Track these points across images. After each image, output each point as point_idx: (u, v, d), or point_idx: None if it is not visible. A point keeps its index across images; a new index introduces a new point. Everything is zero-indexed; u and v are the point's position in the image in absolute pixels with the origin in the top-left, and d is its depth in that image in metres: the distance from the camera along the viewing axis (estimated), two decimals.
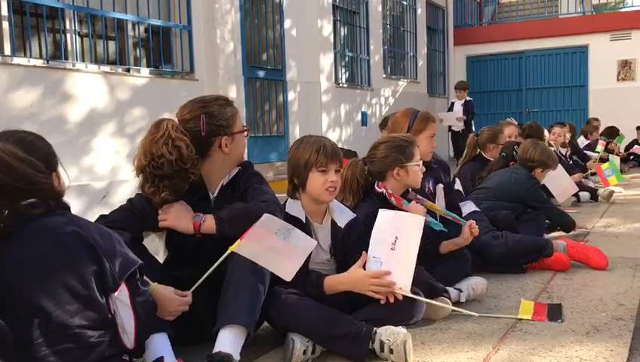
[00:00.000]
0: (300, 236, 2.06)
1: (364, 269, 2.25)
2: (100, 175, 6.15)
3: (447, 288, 2.73)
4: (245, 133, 2.36)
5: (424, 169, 2.82)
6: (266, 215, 1.95)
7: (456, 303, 2.75)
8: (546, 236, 4.11)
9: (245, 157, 2.45)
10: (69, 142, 5.86)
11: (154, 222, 2.13)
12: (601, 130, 10.52)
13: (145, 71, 6.96)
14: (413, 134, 3.15)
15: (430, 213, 2.82)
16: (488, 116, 14.20)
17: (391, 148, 2.72)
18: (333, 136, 9.91)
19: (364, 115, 11.00)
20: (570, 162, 7.47)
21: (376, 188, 2.75)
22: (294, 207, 2.41)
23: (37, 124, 5.59)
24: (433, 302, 2.26)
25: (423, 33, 13.79)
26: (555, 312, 2.62)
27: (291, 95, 9.30)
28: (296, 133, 9.36)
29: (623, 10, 14.01)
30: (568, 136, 8.10)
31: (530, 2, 14.89)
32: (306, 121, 9.50)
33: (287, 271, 2.00)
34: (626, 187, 7.65)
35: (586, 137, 9.88)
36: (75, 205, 6.20)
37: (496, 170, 4.29)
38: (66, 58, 6.11)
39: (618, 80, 13.59)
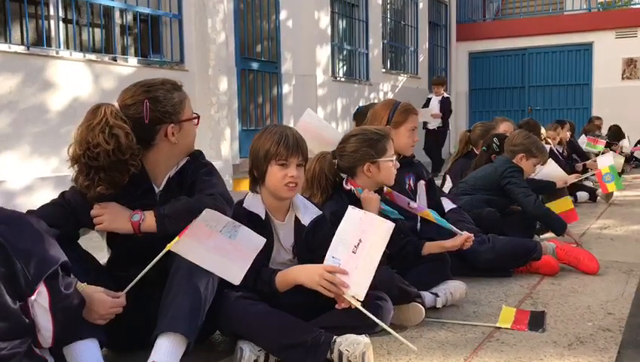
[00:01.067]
0: (249, 234, 1.87)
1: None
2: None
3: (423, 292, 2.54)
4: (195, 121, 2.16)
5: (398, 165, 2.62)
6: (207, 210, 1.76)
7: (432, 309, 2.56)
8: (536, 238, 3.91)
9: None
10: (50, 132, 5.68)
11: (89, 218, 1.93)
12: (604, 129, 10.29)
13: (133, 60, 6.78)
14: (393, 127, 2.96)
15: (388, 204, 2.63)
16: (490, 113, 13.92)
17: (361, 142, 2.52)
18: None
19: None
20: (570, 162, 7.24)
21: (344, 185, 2.56)
22: (254, 202, 2.22)
23: (15, 112, 5.42)
24: (380, 323, 2.00)
25: (425, 28, 13.55)
26: (537, 321, 2.42)
27: (286, 88, 9.10)
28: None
29: (629, 7, 13.69)
30: (568, 134, 7.89)
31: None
32: (301, 114, 9.22)
33: (233, 275, 1.80)
34: (627, 187, 7.43)
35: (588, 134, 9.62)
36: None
37: (480, 165, 4.10)
38: (49, 45, 5.93)
39: (623, 78, 13.34)
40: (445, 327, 2.38)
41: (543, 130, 6.88)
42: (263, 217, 2.19)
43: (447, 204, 3.41)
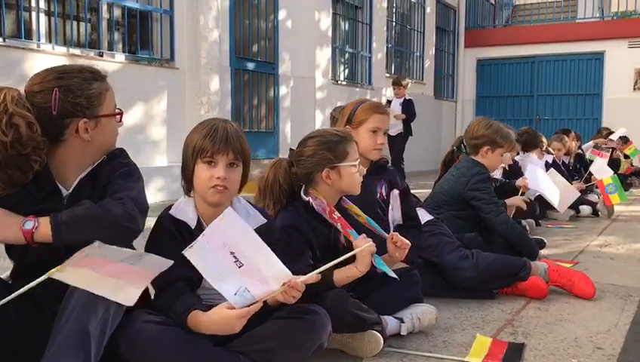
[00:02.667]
0: (154, 260, 1.57)
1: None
2: None
3: (386, 317, 2.24)
4: (118, 118, 1.87)
5: (364, 171, 2.32)
6: (100, 244, 1.46)
7: (396, 336, 2.26)
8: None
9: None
10: None
11: None
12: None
13: (120, 56, 6.54)
14: (353, 127, 2.67)
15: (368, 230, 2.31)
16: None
17: (319, 145, 2.22)
18: None
19: None
20: (576, 176, 6.87)
21: (302, 195, 2.26)
22: (184, 209, 1.92)
23: None
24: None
25: (432, 33, 13.25)
26: (513, 354, 2.12)
27: (283, 90, 8.83)
28: (287, 129, 8.90)
29: None
30: (574, 145, 7.55)
31: (546, 6, 14.26)
32: (299, 117, 9.02)
33: (127, 296, 1.50)
34: (633, 202, 7.08)
35: (595, 147, 9.25)
36: None
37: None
38: (29, 37, 5.70)
39: (635, 89, 12.94)
40: (407, 359, 2.08)
41: (544, 140, 6.56)
42: (193, 226, 1.90)
43: (424, 216, 3.10)
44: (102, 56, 6.33)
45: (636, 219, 5.71)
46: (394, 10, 11.89)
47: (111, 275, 1.45)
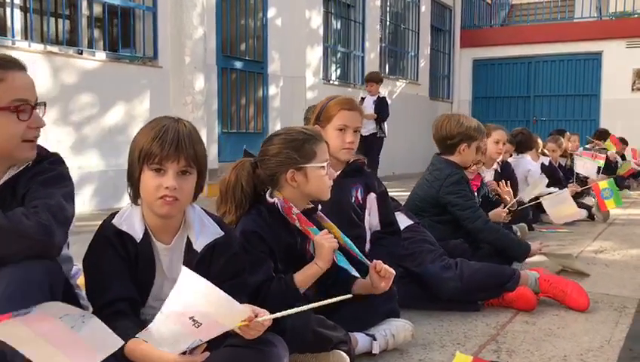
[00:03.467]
0: (102, 331, 1.32)
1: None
2: None
3: (357, 334, 2.03)
4: (25, 114, 1.61)
5: (334, 174, 2.11)
6: (45, 305, 1.23)
7: (368, 354, 2.05)
8: (517, 264, 3.38)
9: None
10: None
11: None
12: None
13: (101, 54, 6.32)
14: (322, 125, 2.46)
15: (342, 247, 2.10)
16: (493, 123, 13.39)
17: (284, 143, 2.01)
18: None
19: None
20: (571, 179, 6.64)
21: (267, 197, 2.05)
22: (129, 219, 1.71)
23: None
24: None
25: (427, 32, 13.06)
26: None
27: (273, 89, 8.63)
28: (276, 130, 8.66)
29: None
30: (570, 145, 7.35)
31: (543, 6, 14.07)
32: (289, 117, 8.81)
33: None
34: (631, 205, 6.88)
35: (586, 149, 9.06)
36: None
37: None
38: (3, 34, 5.49)
39: (633, 90, 12.75)
40: None
41: (539, 142, 6.37)
42: (139, 239, 1.68)
43: (404, 221, 2.88)
44: (81, 53, 6.12)
45: (634, 223, 5.50)
46: (388, 8, 11.70)
47: (48, 338, 1.21)
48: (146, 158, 1.61)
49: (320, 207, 2.13)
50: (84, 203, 5.75)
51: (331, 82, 9.94)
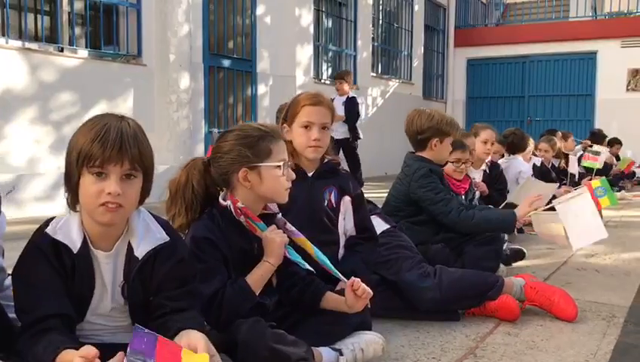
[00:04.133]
0: None
1: None
2: (13, 166, 5.35)
3: (321, 349, 1.89)
4: None
5: (293, 175, 1.96)
6: None
7: None
8: (502, 268, 3.24)
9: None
10: None
11: None
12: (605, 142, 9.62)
13: (83, 52, 6.17)
14: (288, 124, 2.33)
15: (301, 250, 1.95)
16: (488, 123, 13.24)
17: (237, 140, 1.87)
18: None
19: None
20: (564, 180, 6.51)
21: (220, 200, 1.91)
22: (67, 226, 1.56)
23: None
24: None
25: (421, 31, 12.93)
26: None
27: (262, 88, 8.48)
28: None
29: (637, 15, 12.96)
30: (564, 145, 7.23)
31: (538, 5, 13.95)
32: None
33: None
34: (625, 206, 6.75)
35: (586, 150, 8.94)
36: None
37: None
38: None
39: (628, 90, 12.65)
40: None
41: (531, 142, 6.23)
42: (76, 249, 1.53)
43: (380, 225, 2.74)
44: (62, 51, 5.97)
45: (627, 225, 5.37)
46: (380, 7, 11.56)
47: None
48: (85, 161, 1.46)
49: (280, 214, 1.98)
50: (63, 205, 5.59)
51: (322, 81, 9.80)
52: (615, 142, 9.91)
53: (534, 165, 5.92)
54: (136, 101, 6.52)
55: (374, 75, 11.23)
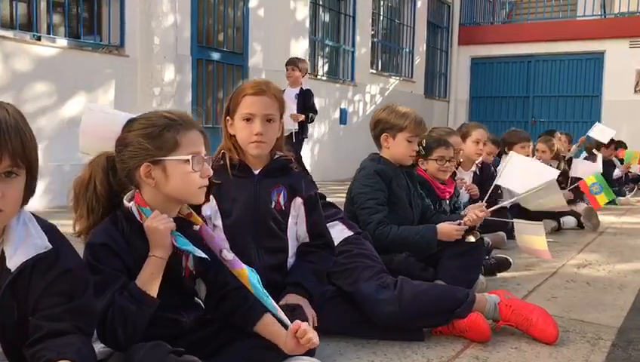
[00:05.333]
0: None
1: None
2: None
3: None
4: None
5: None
6: None
7: None
8: (482, 279, 2.95)
9: None
10: None
11: None
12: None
13: (62, 41, 5.92)
14: (230, 115, 2.10)
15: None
16: (491, 124, 12.85)
17: (140, 129, 1.61)
18: None
19: (343, 112, 9.86)
20: (563, 184, 6.18)
21: (124, 201, 1.64)
22: None
23: None
24: None
25: (423, 28, 12.62)
26: None
27: None
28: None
29: None
30: (567, 147, 6.92)
31: (545, 4, 13.60)
32: None
33: None
34: (626, 213, 6.45)
35: (589, 153, 8.59)
36: None
37: None
38: None
39: (636, 91, 12.28)
40: None
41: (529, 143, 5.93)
42: None
43: (342, 232, 2.47)
44: (40, 40, 5.72)
45: (626, 233, 5.06)
46: (381, 2, 11.26)
47: None
48: None
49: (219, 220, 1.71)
50: (34, 199, 5.34)
51: (319, 77, 9.52)
52: (620, 145, 9.57)
53: None
54: (117, 93, 6.27)
55: (374, 71, 10.94)
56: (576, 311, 2.66)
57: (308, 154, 9.04)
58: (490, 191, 3.26)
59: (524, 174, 2.98)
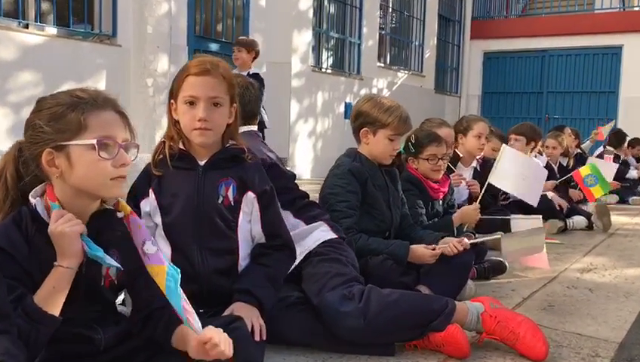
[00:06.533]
0: None
1: None
2: None
3: None
4: None
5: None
6: None
7: None
8: (471, 284, 2.68)
9: None
10: None
11: None
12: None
13: (51, 29, 5.73)
14: (174, 98, 1.89)
15: None
16: (503, 120, 12.55)
17: (44, 112, 1.38)
18: (305, 127, 8.57)
19: (348, 106, 9.57)
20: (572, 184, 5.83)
21: (30, 196, 1.41)
22: None
23: None
24: None
25: (434, 21, 12.27)
26: None
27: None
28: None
29: None
30: (573, 143, 6.59)
31: None
32: (272, 106, 8.13)
33: None
34: None
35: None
36: None
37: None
38: None
39: None
40: None
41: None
42: None
43: (323, 233, 2.21)
44: (27, 27, 5.53)
45: (639, 234, 4.74)
46: None
47: None
48: None
49: (121, 214, 1.46)
50: None
51: (323, 70, 9.26)
52: (637, 143, 9.19)
53: None
54: (108, 84, 6.06)
55: (381, 65, 10.63)
56: (573, 323, 2.38)
57: (311, 149, 8.80)
58: (483, 190, 3.00)
59: (517, 172, 2.72)
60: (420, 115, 3.60)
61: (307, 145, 8.70)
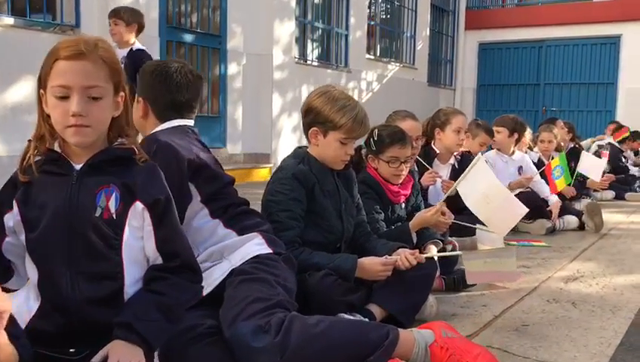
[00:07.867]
0: None
1: None
2: None
3: None
4: None
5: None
6: None
7: None
8: (431, 301, 2.32)
9: None
10: None
11: None
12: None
13: (8, 19, 5.37)
14: (43, 87, 1.53)
15: None
16: (499, 113, 12.05)
17: None
18: (289, 122, 8.21)
19: None
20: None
21: None
22: None
23: None
24: None
25: (426, 11, 11.90)
26: None
27: (233, 68, 7.61)
28: (237, 114, 7.71)
29: None
30: (567, 136, 6.23)
31: None
32: (253, 100, 7.82)
33: None
34: (637, 210, 5.74)
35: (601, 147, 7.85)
36: None
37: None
38: None
39: None
40: None
41: (528, 132, 5.27)
42: None
43: (255, 247, 1.86)
44: None
45: (633, 235, 4.37)
46: None
47: None
48: None
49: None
50: None
51: (308, 62, 8.89)
52: (638, 137, 8.81)
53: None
54: None
55: (370, 57, 10.26)
56: (548, 348, 2.03)
57: (295, 144, 8.43)
58: (448, 193, 2.63)
59: (483, 192, 2.34)
60: (413, 110, 3.23)
61: (291, 140, 8.33)
